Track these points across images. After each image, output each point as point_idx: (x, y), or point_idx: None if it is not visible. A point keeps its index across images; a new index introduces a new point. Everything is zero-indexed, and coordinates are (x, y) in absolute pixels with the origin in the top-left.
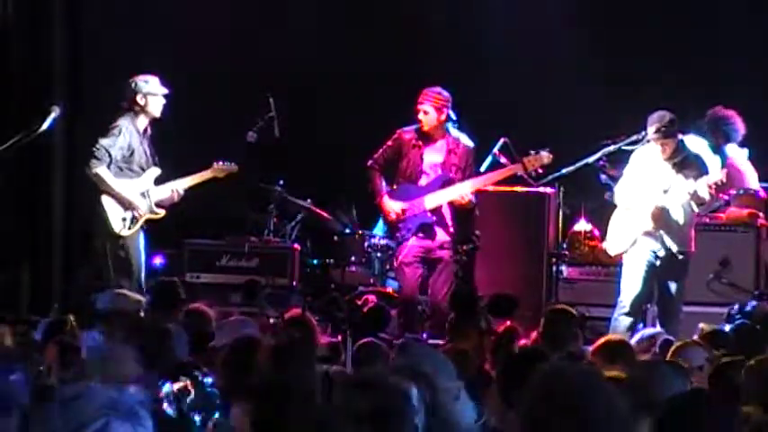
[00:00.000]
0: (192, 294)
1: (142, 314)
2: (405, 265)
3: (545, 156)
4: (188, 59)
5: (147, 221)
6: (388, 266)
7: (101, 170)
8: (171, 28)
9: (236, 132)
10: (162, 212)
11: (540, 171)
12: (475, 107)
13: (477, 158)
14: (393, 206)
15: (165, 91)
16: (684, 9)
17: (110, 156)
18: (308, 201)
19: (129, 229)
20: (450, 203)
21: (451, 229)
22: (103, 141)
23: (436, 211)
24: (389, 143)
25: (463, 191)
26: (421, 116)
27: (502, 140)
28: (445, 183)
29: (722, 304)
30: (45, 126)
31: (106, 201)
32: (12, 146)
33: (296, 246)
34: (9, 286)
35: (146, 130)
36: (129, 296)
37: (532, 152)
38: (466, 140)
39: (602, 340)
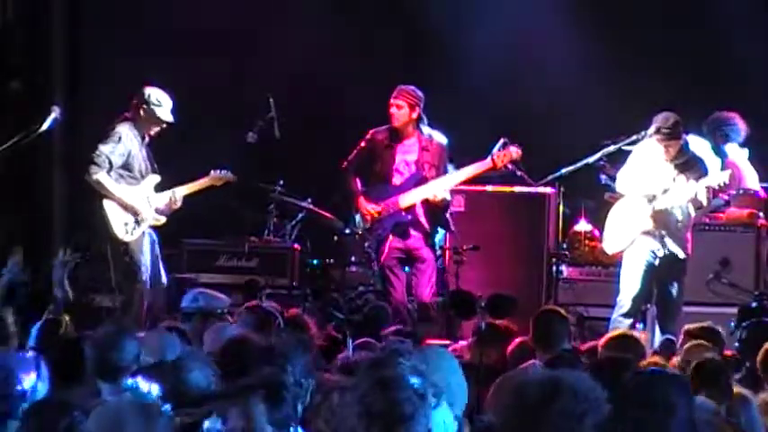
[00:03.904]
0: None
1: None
2: (388, 269)
3: (514, 151)
4: (188, 60)
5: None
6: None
7: (101, 176)
8: (171, 28)
9: (235, 133)
10: (163, 219)
11: (510, 167)
12: (475, 107)
13: (475, 158)
14: (368, 207)
15: (171, 120)
16: (685, 9)
17: (110, 162)
18: (308, 200)
19: (132, 234)
20: (424, 202)
21: (427, 228)
22: (103, 148)
23: (411, 209)
24: (362, 144)
25: (436, 189)
26: (393, 110)
27: (502, 140)
28: (419, 181)
29: (722, 304)
30: (45, 126)
31: (108, 206)
32: (12, 146)
33: (296, 246)
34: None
35: (144, 137)
36: (213, 295)
37: (500, 147)
38: (439, 137)
39: (611, 334)
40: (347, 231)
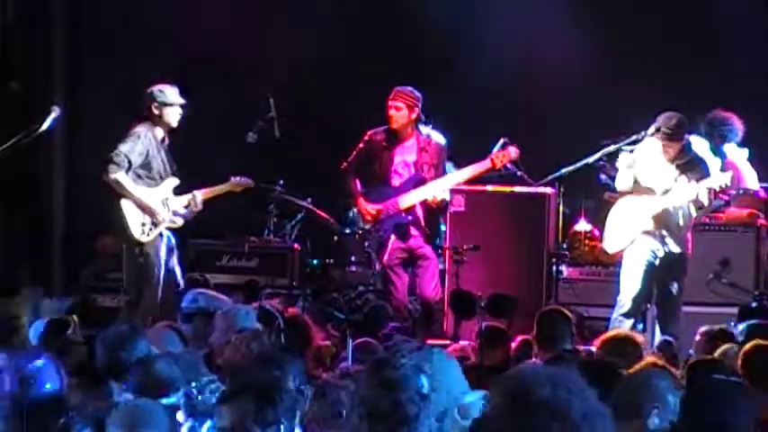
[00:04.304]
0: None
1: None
2: (389, 269)
3: (512, 151)
4: (188, 60)
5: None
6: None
7: (120, 176)
8: (171, 28)
9: (235, 133)
10: (180, 222)
11: (510, 167)
12: (475, 107)
13: (475, 158)
14: (368, 208)
15: (182, 101)
16: (685, 9)
17: (129, 161)
18: (308, 200)
19: (148, 235)
20: (423, 202)
21: (427, 228)
22: (123, 147)
23: (411, 210)
24: (361, 145)
25: (435, 190)
26: (392, 112)
27: (502, 140)
28: (418, 182)
29: (722, 304)
30: (45, 126)
31: (126, 205)
32: (12, 146)
33: (296, 246)
34: (9, 286)
35: (163, 140)
36: (213, 296)
37: (500, 148)
38: (437, 137)
39: (608, 334)
40: (347, 231)
